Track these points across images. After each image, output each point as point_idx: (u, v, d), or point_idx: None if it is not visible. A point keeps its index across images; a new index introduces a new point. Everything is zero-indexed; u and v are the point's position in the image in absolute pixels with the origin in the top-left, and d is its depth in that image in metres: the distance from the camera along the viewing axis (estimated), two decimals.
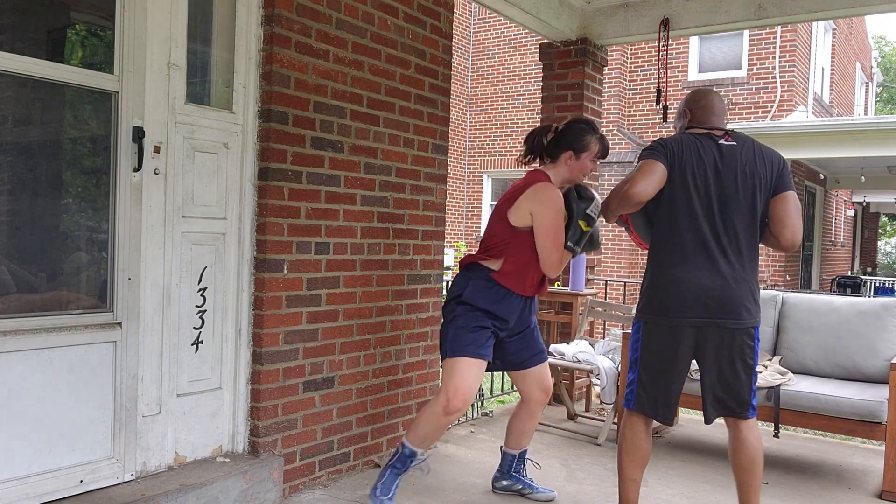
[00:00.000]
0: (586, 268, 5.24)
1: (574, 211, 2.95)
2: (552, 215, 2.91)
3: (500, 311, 2.98)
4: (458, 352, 2.92)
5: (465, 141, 15.20)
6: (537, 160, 3.14)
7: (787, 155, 11.15)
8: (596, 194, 3.01)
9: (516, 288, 2.99)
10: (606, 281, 7.64)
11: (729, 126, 3.00)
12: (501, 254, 2.98)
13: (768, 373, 3.97)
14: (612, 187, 2.92)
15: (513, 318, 3.04)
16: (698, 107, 2.90)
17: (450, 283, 3.01)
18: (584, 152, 3.02)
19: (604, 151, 3.06)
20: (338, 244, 3.37)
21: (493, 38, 15.04)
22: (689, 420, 5.00)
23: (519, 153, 3.16)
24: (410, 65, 3.74)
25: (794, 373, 4.08)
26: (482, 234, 3.05)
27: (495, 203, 2.94)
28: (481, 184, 15.05)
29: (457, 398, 2.90)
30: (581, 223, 2.95)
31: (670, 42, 4.91)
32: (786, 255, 12.27)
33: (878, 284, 15.47)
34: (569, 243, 2.95)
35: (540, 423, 4.63)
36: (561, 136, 3.04)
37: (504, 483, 3.40)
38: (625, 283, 7.63)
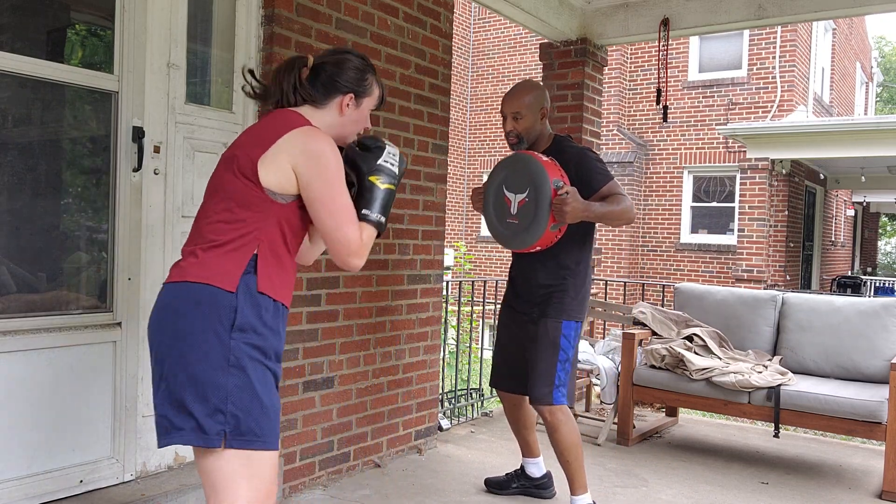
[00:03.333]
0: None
1: (361, 168, 1.96)
2: (333, 178, 1.82)
3: (280, 345, 1.88)
4: (267, 441, 1.77)
5: (465, 141, 15.20)
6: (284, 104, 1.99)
7: (788, 155, 11.18)
8: (386, 142, 2.04)
9: (288, 297, 1.90)
10: (606, 281, 7.65)
11: (729, 126, 3.13)
12: (251, 243, 1.80)
13: (768, 373, 3.97)
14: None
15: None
16: (550, 110, 3.13)
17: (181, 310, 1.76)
18: (366, 97, 2.02)
19: (382, 99, 2.11)
20: None
21: (493, 38, 15.04)
22: (690, 420, 5.01)
23: (252, 91, 2.04)
24: (410, 65, 3.74)
25: (794, 373, 4.08)
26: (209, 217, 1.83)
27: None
28: (480, 184, 15.05)
29: None
30: (375, 180, 1.94)
31: (670, 42, 4.91)
32: (786, 255, 12.28)
33: (878, 284, 15.47)
34: (372, 214, 1.91)
35: (539, 423, 4.62)
36: (333, 74, 1.97)
37: None
38: (625, 283, 7.64)
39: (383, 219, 1.94)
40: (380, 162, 1.96)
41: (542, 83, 3.10)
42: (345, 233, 1.82)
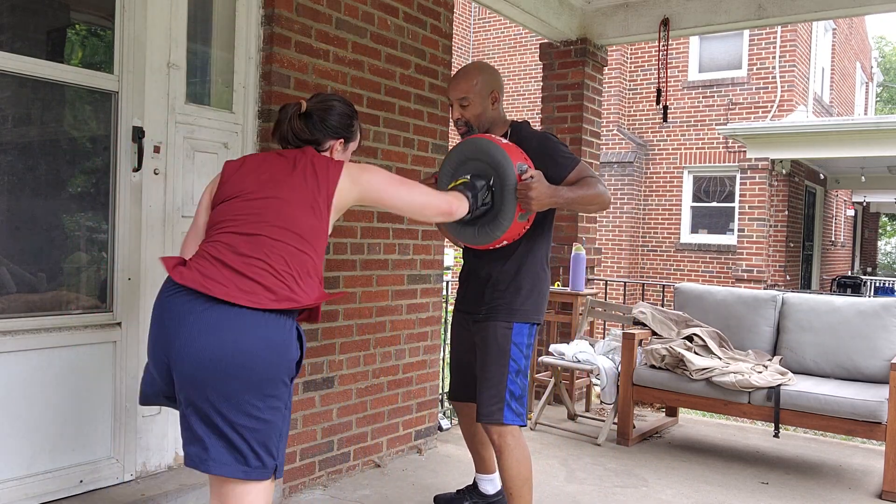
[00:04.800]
0: (586, 268, 5.24)
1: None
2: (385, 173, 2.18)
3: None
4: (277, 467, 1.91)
5: None
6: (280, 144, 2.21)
7: (788, 155, 11.18)
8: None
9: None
10: (606, 281, 7.65)
11: (729, 126, 3.05)
12: (312, 271, 1.95)
13: (768, 373, 3.97)
14: (590, 187, 2.58)
15: None
16: (502, 93, 2.79)
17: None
18: (352, 142, 2.26)
19: (362, 141, 2.38)
20: (337, 244, 3.36)
21: (493, 38, 15.04)
22: (689, 420, 5.01)
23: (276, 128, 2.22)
24: (410, 65, 3.74)
25: (794, 373, 4.08)
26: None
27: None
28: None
29: None
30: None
31: (670, 42, 4.91)
32: (786, 255, 12.28)
33: (878, 284, 15.47)
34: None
35: (540, 424, 4.63)
36: (325, 118, 2.16)
37: None
38: (625, 283, 7.64)
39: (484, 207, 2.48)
40: (487, 183, 2.49)
41: (491, 64, 2.92)
42: (436, 200, 2.27)
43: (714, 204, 12.78)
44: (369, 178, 2.09)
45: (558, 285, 5.25)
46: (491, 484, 3.08)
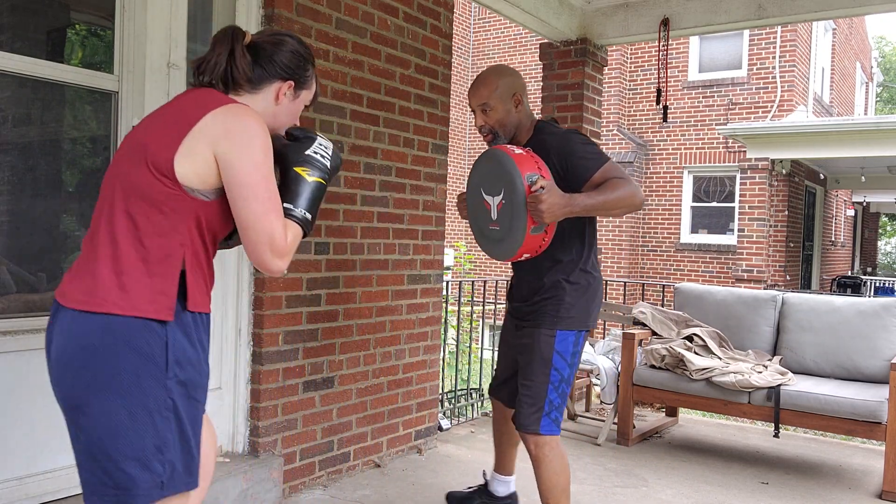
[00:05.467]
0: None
1: (287, 158, 1.70)
2: (261, 159, 1.57)
3: (207, 361, 1.67)
4: (196, 478, 1.63)
5: (465, 141, 15.20)
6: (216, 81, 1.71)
7: (788, 155, 11.18)
8: (318, 133, 1.81)
9: (209, 303, 1.67)
10: (606, 281, 7.64)
11: (729, 126, 3.01)
12: (176, 255, 1.56)
13: (768, 373, 3.97)
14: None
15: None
16: (524, 97, 2.65)
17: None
18: (305, 88, 1.81)
19: (317, 97, 1.91)
20: (337, 244, 3.37)
21: (493, 38, 15.04)
22: (689, 420, 5.01)
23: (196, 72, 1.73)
24: (410, 65, 3.74)
25: (794, 373, 4.08)
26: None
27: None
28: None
29: None
30: (302, 171, 1.67)
31: (670, 42, 4.91)
32: (786, 255, 12.28)
33: (878, 284, 15.47)
34: (297, 209, 1.65)
35: None
36: (274, 55, 1.73)
37: None
38: (625, 282, 7.64)
39: (309, 216, 1.66)
40: (308, 152, 1.69)
41: (510, 66, 2.77)
42: (270, 222, 1.54)
43: (714, 204, 12.79)
44: (236, 148, 1.54)
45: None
46: (504, 486, 3.03)
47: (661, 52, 4.92)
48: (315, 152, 1.71)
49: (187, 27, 2.86)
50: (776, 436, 4.05)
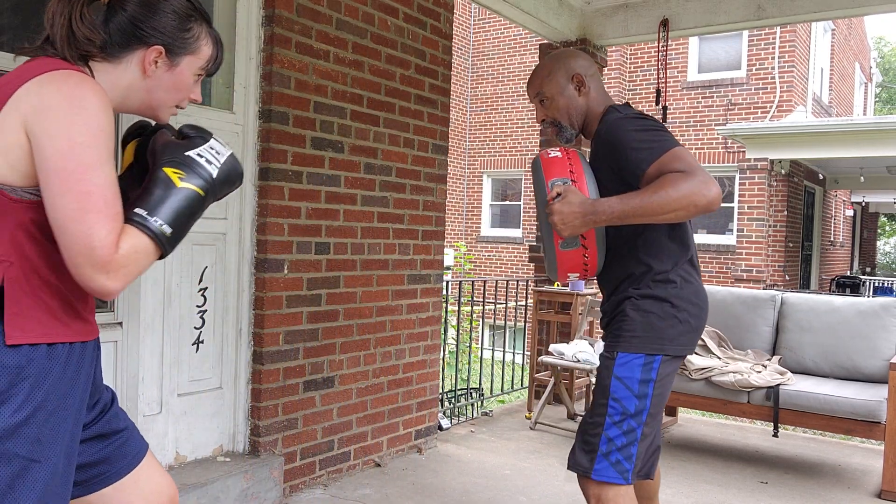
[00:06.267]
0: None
1: (159, 155, 1.33)
2: (83, 139, 1.17)
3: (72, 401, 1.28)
4: None
5: (465, 141, 15.21)
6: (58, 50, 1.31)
7: (787, 155, 11.18)
8: (217, 138, 1.41)
9: (82, 328, 1.30)
10: None
11: (728, 126, 2.82)
12: None
13: (767, 372, 3.98)
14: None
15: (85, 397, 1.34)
16: (592, 77, 2.21)
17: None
18: (187, 54, 1.39)
19: (219, 63, 1.49)
20: (338, 244, 3.37)
21: (493, 38, 15.05)
22: (689, 420, 5.01)
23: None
24: (410, 65, 3.74)
25: (793, 372, 4.09)
26: None
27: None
28: (481, 184, 15.06)
29: None
30: (172, 173, 1.29)
31: (670, 42, 4.92)
32: (785, 255, 12.30)
33: (877, 284, 15.48)
34: (150, 218, 1.24)
35: (540, 423, 4.64)
36: (136, 15, 1.33)
37: None
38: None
39: (168, 230, 1.24)
40: (190, 153, 1.32)
41: (571, 48, 2.32)
42: (87, 225, 1.15)
43: None
44: (49, 123, 1.17)
45: (558, 285, 5.25)
46: None
47: (660, 53, 4.93)
48: (200, 155, 1.33)
49: None
50: (775, 435, 4.05)
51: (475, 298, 5.44)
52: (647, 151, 1.93)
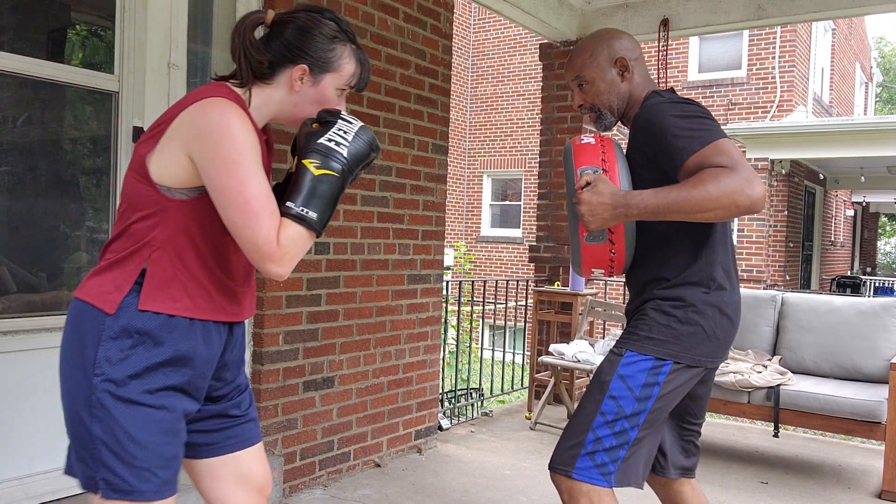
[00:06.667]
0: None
1: (300, 149, 1.50)
2: (233, 158, 1.40)
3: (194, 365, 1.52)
4: (146, 494, 1.47)
5: (465, 141, 15.20)
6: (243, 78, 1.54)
7: (787, 155, 11.18)
8: (345, 113, 1.54)
9: (208, 309, 1.51)
10: (606, 281, 7.65)
11: (729, 126, 2.71)
12: (143, 250, 1.46)
13: (768, 373, 3.97)
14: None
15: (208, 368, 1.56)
16: (637, 61, 2.05)
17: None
18: (329, 72, 1.55)
19: (364, 80, 1.62)
20: (338, 244, 3.37)
21: (493, 38, 15.04)
22: None
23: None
24: (410, 65, 3.74)
25: (793, 373, 4.09)
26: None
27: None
28: (481, 184, 15.06)
29: None
30: (308, 163, 1.46)
31: (670, 42, 4.92)
32: (786, 255, 12.29)
33: (877, 284, 15.48)
34: (295, 207, 1.44)
35: (540, 423, 4.63)
36: (288, 37, 1.53)
37: None
38: (624, 282, 7.64)
39: (311, 214, 1.44)
40: (321, 140, 1.47)
41: (614, 28, 2.23)
42: (251, 230, 1.39)
43: None
44: (204, 149, 1.40)
45: (558, 285, 5.25)
46: None
47: (660, 53, 4.92)
48: (330, 139, 1.47)
49: (187, 28, 2.86)
50: (776, 435, 4.05)
51: (475, 298, 5.44)
52: (688, 140, 1.76)
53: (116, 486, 1.44)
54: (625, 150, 1.98)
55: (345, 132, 1.49)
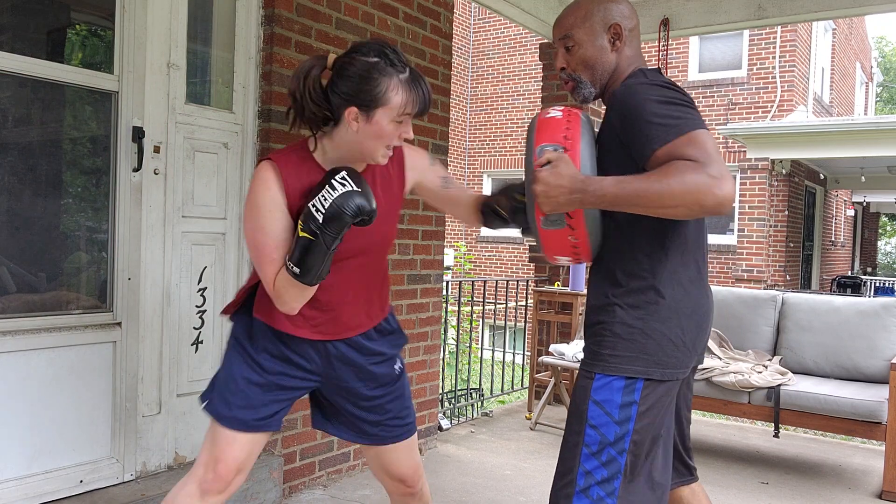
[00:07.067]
0: (586, 268, 5.24)
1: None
2: (249, 214, 1.73)
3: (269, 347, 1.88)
4: (213, 402, 1.90)
5: (465, 141, 15.20)
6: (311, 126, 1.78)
7: (788, 155, 11.18)
8: (344, 175, 1.67)
9: (273, 320, 1.84)
10: None
11: (729, 126, 2.63)
12: (255, 275, 1.88)
13: (768, 373, 3.97)
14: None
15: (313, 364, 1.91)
16: (632, 33, 1.85)
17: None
18: (378, 107, 1.65)
19: (421, 104, 1.70)
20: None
21: (493, 38, 15.04)
22: None
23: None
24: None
25: (794, 373, 4.08)
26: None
27: None
28: (481, 184, 15.06)
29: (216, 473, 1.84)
30: (298, 225, 1.66)
31: (670, 42, 4.91)
32: (786, 255, 12.29)
33: (878, 284, 15.47)
34: (288, 262, 1.68)
35: (540, 424, 4.63)
36: (334, 82, 1.68)
37: None
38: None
39: (296, 269, 1.65)
40: (310, 201, 1.64)
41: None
42: (263, 273, 1.74)
43: None
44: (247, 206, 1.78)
45: (558, 285, 5.25)
46: None
47: (660, 52, 4.92)
48: (312, 205, 1.62)
49: (187, 27, 2.86)
50: (776, 436, 4.05)
51: (475, 298, 5.43)
52: (662, 128, 1.58)
53: (214, 404, 1.92)
54: (599, 130, 1.81)
55: (323, 198, 1.62)
